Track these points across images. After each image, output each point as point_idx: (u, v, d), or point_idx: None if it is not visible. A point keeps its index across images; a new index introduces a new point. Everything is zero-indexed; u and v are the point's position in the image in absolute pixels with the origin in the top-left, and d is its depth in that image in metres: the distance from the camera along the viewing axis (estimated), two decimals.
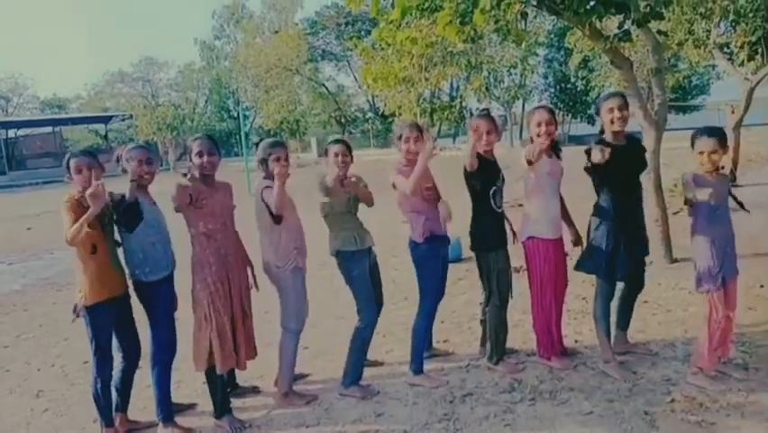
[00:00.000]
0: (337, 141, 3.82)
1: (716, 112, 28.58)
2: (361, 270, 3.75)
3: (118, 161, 3.41)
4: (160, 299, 3.43)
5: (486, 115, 3.82)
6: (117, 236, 3.39)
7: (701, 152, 3.36)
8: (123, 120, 45.71)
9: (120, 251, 3.41)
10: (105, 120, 45.91)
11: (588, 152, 3.58)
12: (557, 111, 37.72)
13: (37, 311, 6.84)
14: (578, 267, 3.87)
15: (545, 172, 3.75)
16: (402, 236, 4.11)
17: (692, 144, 3.44)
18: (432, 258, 3.81)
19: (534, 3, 5.31)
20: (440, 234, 3.83)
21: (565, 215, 3.99)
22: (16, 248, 11.61)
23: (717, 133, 3.40)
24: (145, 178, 3.37)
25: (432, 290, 3.87)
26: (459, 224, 3.98)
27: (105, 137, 47.22)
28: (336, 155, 3.67)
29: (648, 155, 5.29)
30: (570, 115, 36.08)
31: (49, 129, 45.46)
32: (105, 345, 3.33)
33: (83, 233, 3.04)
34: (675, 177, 10.15)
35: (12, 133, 45.24)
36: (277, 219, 3.51)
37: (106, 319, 3.29)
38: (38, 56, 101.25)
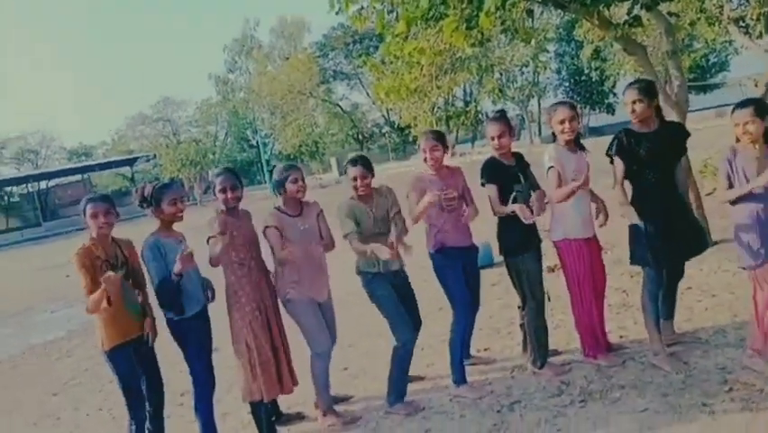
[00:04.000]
0: (355, 161, 3.70)
1: (738, 88, 27.90)
2: (384, 291, 3.68)
3: (144, 200, 3.39)
4: (193, 335, 3.40)
5: (498, 117, 3.76)
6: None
7: (737, 125, 3.27)
8: (147, 161, 46.83)
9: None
10: (131, 162, 47.07)
11: (611, 143, 3.54)
12: (576, 107, 37.31)
13: (82, 356, 6.96)
14: (631, 261, 3.76)
15: (571, 170, 3.66)
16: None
17: (732, 118, 3.35)
18: (447, 267, 3.77)
19: None
20: (457, 246, 3.78)
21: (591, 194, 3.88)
22: (57, 296, 11.88)
23: (752, 103, 3.29)
24: (178, 216, 3.40)
25: (459, 299, 3.81)
26: (489, 229, 3.93)
27: (132, 179, 48.35)
28: (355, 179, 3.63)
29: None
30: (587, 107, 35.65)
31: (78, 177, 46.84)
32: (133, 385, 3.32)
33: (102, 302, 3.05)
34: (704, 157, 9.92)
35: (43, 184, 46.71)
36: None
37: (127, 362, 3.28)
38: (59, 107, 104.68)
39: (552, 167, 3.66)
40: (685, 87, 6.02)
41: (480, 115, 27.22)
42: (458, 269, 3.78)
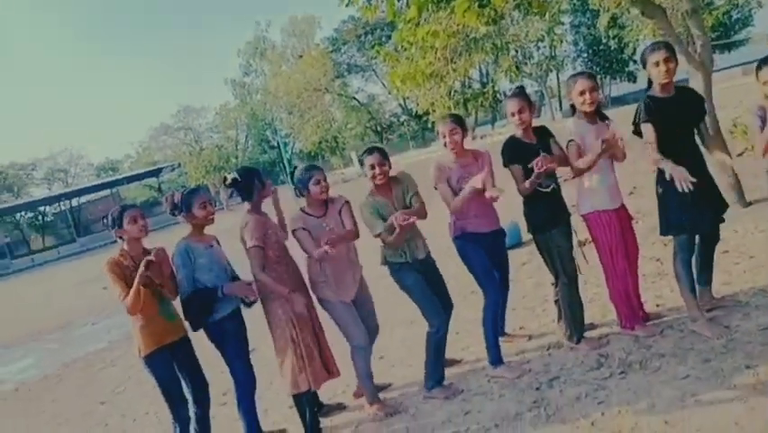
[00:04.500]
0: (371, 150, 3.70)
1: (763, 43, 26.97)
2: (413, 279, 3.69)
3: (175, 207, 3.43)
4: (229, 336, 3.44)
5: (517, 93, 3.71)
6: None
7: (765, 83, 3.17)
8: (173, 170, 47.64)
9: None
10: (156, 173, 47.94)
11: (638, 111, 3.48)
12: (595, 77, 36.60)
13: (125, 364, 7.15)
14: (661, 232, 3.69)
15: (593, 143, 3.59)
16: None
17: (757, 78, 3.25)
18: (469, 251, 3.77)
19: None
20: (479, 231, 3.76)
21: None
22: (96, 308, 12.21)
23: None
24: (209, 219, 3.44)
25: (485, 280, 3.80)
26: (516, 208, 3.90)
27: (159, 189, 49.26)
28: (372, 167, 3.61)
29: None
30: (608, 76, 34.94)
31: (107, 192, 47.89)
32: (173, 390, 3.39)
33: (141, 298, 3.13)
34: (732, 117, 9.65)
35: (75, 201, 47.93)
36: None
37: (165, 366, 3.34)
38: (83, 123, 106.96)
39: (572, 141, 3.60)
40: (708, 47, 5.84)
41: (498, 95, 26.96)
42: (480, 251, 3.76)
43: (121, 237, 3.34)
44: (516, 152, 3.65)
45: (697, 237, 3.68)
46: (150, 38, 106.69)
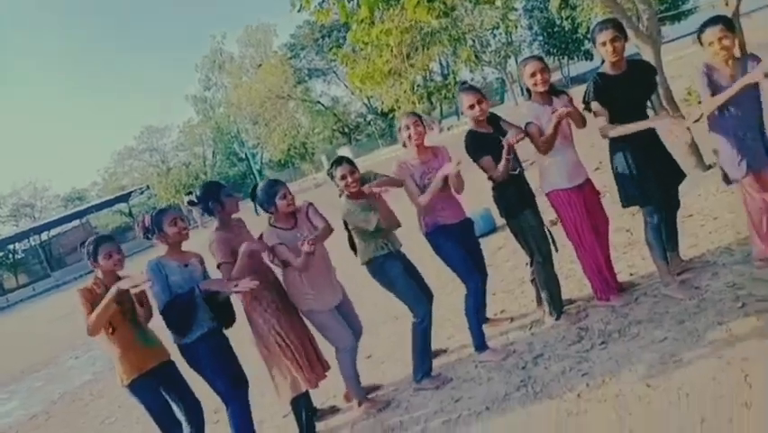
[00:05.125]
0: (339, 161, 3.74)
1: (711, 10, 27.66)
2: (397, 270, 3.76)
3: (147, 230, 3.39)
4: (205, 358, 3.35)
5: (469, 87, 3.78)
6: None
7: (711, 43, 3.28)
8: (141, 193, 46.90)
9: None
10: (125, 198, 47.15)
11: (587, 89, 3.57)
12: (552, 57, 37.17)
13: (113, 394, 7.04)
14: (623, 204, 3.80)
15: (547, 123, 3.66)
16: None
17: (701, 42, 3.38)
18: (443, 244, 3.83)
19: None
20: (450, 222, 3.82)
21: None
22: (78, 341, 11.98)
23: (719, 20, 3.33)
24: (183, 235, 3.39)
25: (464, 271, 3.86)
26: (485, 196, 3.97)
27: (130, 214, 48.45)
28: (344, 177, 3.64)
29: None
30: (565, 57, 35.46)
31: (77, 222, 46.90)
32: (163, 415, 3.37)
33: (105, 318, 3.11)
34: (686, 86, 9.92)
35: (44, 235, 46.83)
36: (284, 263, 3.52)
37: (150, 393, 3.33)
38: (45, 156, 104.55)
39: (530, 122, 3.68)
40: (655, 20, 6.00)
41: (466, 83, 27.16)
42: (454, 242, 3.82)
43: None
44: (480, 144, 3.71)
45: None
46: (105, 62, 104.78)
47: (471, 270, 3.88)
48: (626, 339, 3.37)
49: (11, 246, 48.84)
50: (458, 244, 3.84)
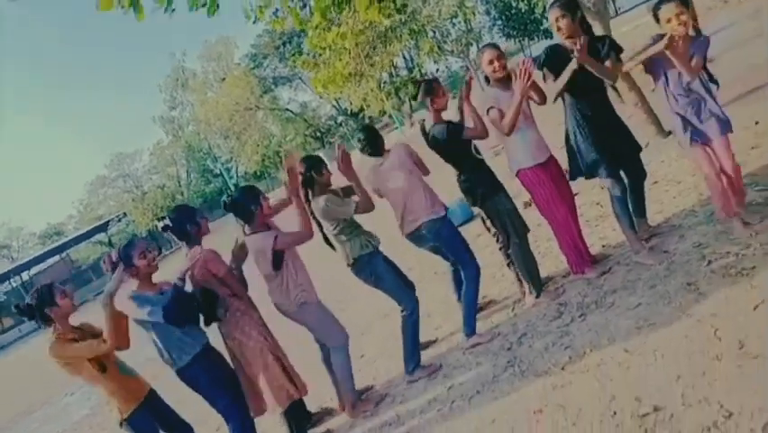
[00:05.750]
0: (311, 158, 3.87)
1: None
2: (383, 265, 3.87)
3: (116, 265, 3.30)
4: (201, 378, 3.39)
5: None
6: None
7: (669, 20, 3.34)
8: (119, 221, 46.31)
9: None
10: (104, 228, 46.49)
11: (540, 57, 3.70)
12: (513, 40, 37.48)
13: (114, 428, 7.01)
14: (572, 177, 3.92)
15: (506, 107, 3.76)
16: None
17: (656, 19, 3.43)
18: (422, 244, 3.97)
19: None
20: (416, 227, 3.88)
21: None
22: (70, 378, 11.87)
23: None
24: (152, 267, 3.38)
25: (463, 257, 3.96)
26: (455, 191, 4.07)
27: (110, 243, 47.79)
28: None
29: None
30: (525, 38, 35.80)
31: (56, 258, 46.14)
32: None
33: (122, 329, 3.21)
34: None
35: (25, 276, 45.98)
36: (277, 265, 3.52)
37: (149, 423, 3.38)
38: (15, 194, 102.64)
39: (491, 107, 3.77)
40: None
41: (426, 78, 27.25)
42: (432, 243, 3.95)
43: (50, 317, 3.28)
44: (451, 137, 3.81)
45: (625, 177, 3.93)
46: (68, 94, 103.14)
47: (471, 255, 3.98)
48: (602, 309, 3.49)
49: None
50: (449, 236, 3.94)
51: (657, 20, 3.45)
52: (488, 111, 3.81)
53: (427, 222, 3.84)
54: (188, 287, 3.34)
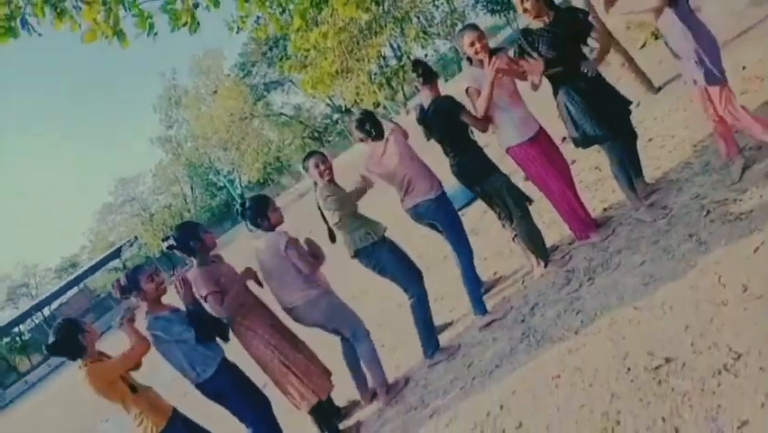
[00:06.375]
0: (310, 154, 3.97)
1: None
2: (386, 256, 3.94)
3: (124, 291, 3.40)
4: (225, 391, 3.48)
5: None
6: None
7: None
8: (131, 245, 46.65)
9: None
10: (116, 255, 46.88)
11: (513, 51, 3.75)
12: (498, 15, 37.27)
13: None
14: (576, 145, 3.96)
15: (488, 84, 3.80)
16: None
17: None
18: (420, 220, 4.04)
19: None
20: (415, 204, 3.96)
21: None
22: (103, 405, 12.07)
23: None
24: (161, 290, 3.47)
25: (458, 239, 4.05)
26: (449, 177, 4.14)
27: (125, 268, 48.18)
28: (317, 165, 3.86)
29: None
30: (510, 11, 35.58)
31: (75, 289, 46.63)
32: None
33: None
34: (626, 18, 10.05)
35: (47, 310, 46.54)
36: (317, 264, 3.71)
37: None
38: (26, 231, 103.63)
39: (468, 87, 3.83)
40: None
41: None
42: (428, 222, 4.02)
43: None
44: (454, 109, 3.91)
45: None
46: (67, 124, 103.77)
47: (465, 237, 4.08)
48: (609, 271, 3.55)
49: (16, 330, 48.53)
50: (444, 215, 4.02)
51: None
52: (467, 90, 3.87)
53: (425, 201, 3.94)
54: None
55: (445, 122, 3.93)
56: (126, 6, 4.66)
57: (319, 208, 3.89)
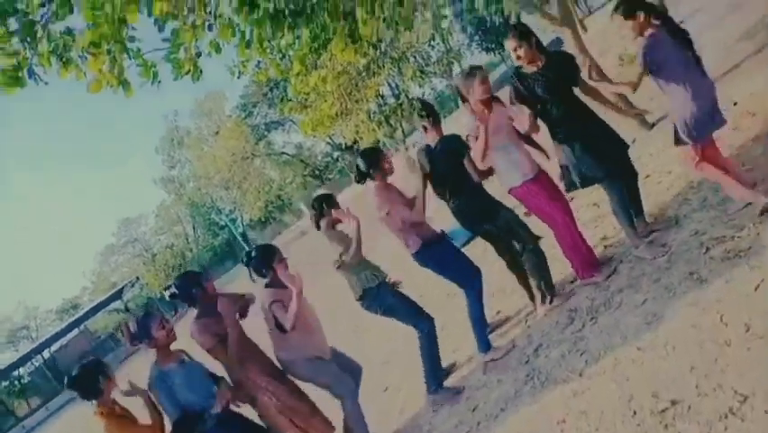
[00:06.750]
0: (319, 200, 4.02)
1: None
2: (391, 296, 3.96)
3: (134, 338, 3.36)
4: (235, 427, 3.46)
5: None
6: None
7: (633, 28, 3.49)
8: (133, 286, 46.43)
9: None
10: (118, 296, 46.63)
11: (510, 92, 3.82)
12: (493, 53, 37.95)
13: None
14: (569, 189, 3.99)
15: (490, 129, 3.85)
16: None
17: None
18: (433, 258, 4.02)
19: None
20: (425, 243, 3.96)
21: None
22: None
23: (617, 7, 3.53)
24: (171, 338, 3.42)
25: (464, 277, 4.07)
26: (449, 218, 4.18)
27: (126, 309, 47.89)
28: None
29: (575, 51, 5.49)
30: (505, 50, 36.25)
31: (75, 331, 46.24)
32: None
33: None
34: (618, 52, 10.28)
35: (46, 353, 46.07)
36: (282, 330, 3.58)
37: None
38: (28, 273, 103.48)
39: (468, 135, 3.89)
40: (565, 4, 6.32)
41: (413, 103, 27.59)
42: (436, 262, 4.03)
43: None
44: (463, 148, 3.99)
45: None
46: (70, 167, 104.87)
47: (471, 274, 4.10)
48: (611, 310, 3.54)
49: (15, 372, 47.93)
50: (445, 253, 4.05)
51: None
52: (467, 137, 3.93)
53: (420, 249, 3.95)
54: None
55: (453, 160, 4.00)
56: (131, 56, 4.78)
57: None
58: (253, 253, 3.75)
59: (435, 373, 3.99)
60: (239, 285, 3.97)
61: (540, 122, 3.81)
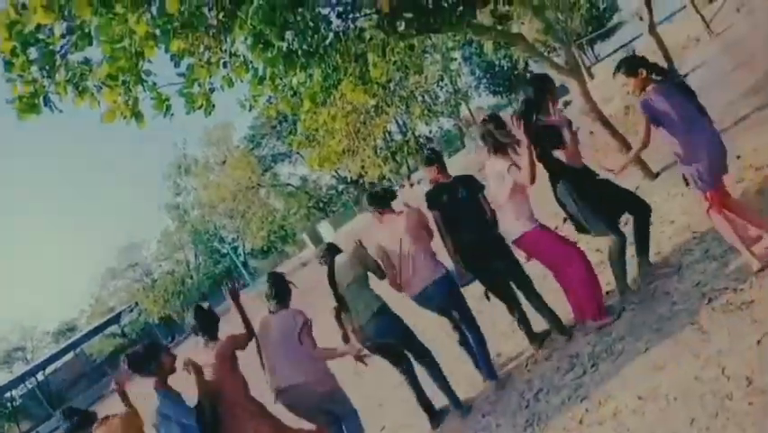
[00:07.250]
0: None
1: (635, 20, 29.24)
2: (393, 321, 4.11)
3: (142, 366, 3.37)
4: None
5: (430, 157, 4.23)
6: None
7: (625, 84, 3.64)
8: (131, 311, 46.18)
9: None
10: (116, 320, 46.33)
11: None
12: (500, 96, 38.61)
13: None
14: (584, 232, 4.08)
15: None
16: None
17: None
18: (425, 304, 4.15)
19: (414, 30, 5.64)
20: (424, 287, 4.06)
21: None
22: None
23: (619, 67, 3.65)
24: (175, 366, 3.45)
25: (467, 315, 4.19)
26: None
27: (123, 334, 47.54)
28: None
29: (581, 100, 5.62)
30: (512, 93, 36.88)
31: (71, 354, 45.78)
32: None
33: None
34: (625, 99, 10.44)
35: (40, 375, 45.51)
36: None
37: None
38: (27, 293, 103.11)
39: (510, 165, 3.92)
40: (571, 54, 6.50)
41: (419, 140, 28.00)
42: (434, 303, 4.16)
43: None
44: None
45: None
46: (76, 190, 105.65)
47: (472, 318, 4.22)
48: (613, 357, 3.54)
49: (8, 394, 47.25)
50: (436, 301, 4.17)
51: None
52: (508, 168, 3.93)
53: (435, 281, 4.04)
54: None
55: (466, 201, 4.12)
56: (145, 88, 4.91)
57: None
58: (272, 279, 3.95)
59: (451, 391, 4.12)
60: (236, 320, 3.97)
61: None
